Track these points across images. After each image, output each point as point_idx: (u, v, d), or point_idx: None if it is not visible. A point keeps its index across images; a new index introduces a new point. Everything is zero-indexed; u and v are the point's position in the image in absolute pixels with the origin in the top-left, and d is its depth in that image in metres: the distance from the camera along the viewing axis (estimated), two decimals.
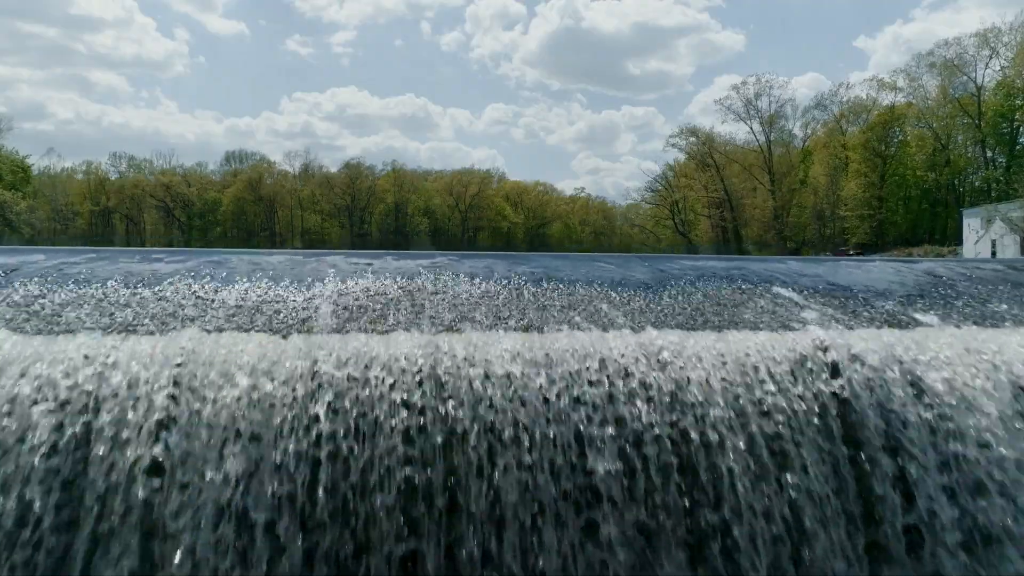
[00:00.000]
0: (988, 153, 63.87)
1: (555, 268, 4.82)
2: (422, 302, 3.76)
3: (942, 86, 65.41)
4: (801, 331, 3.55)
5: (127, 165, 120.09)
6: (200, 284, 3.85)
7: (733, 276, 4.80)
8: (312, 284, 4.01)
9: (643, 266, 5.04)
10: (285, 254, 4.79)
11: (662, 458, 2.85)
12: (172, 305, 3.47)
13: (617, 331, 3.38)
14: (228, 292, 3.76)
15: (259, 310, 3.50)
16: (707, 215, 79.71)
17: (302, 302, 3.67)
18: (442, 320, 3.52)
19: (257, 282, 3.99)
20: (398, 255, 4.83)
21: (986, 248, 43.18)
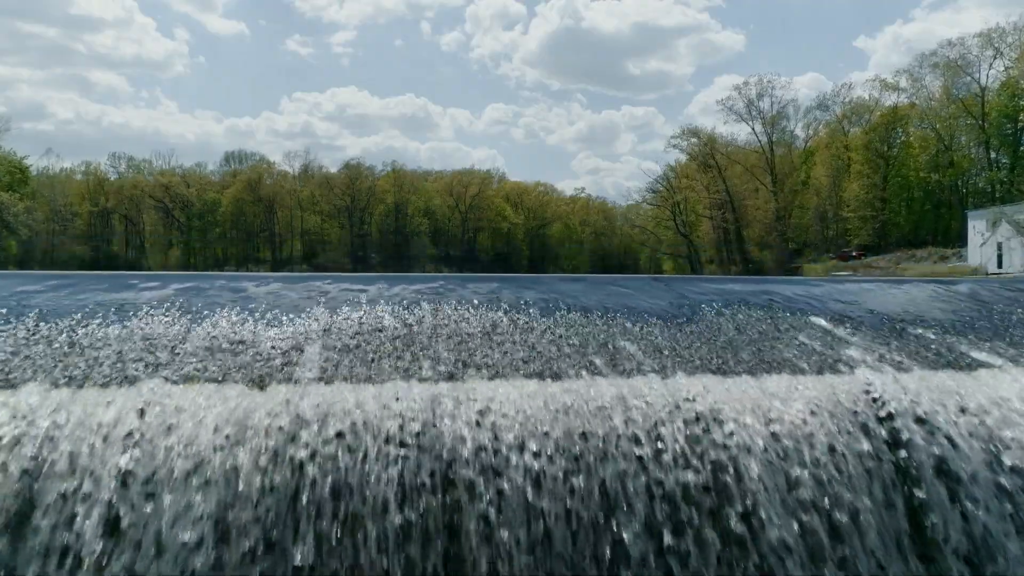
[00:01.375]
0: (992, 154, 63.41)
1: (566, 294, 4.41)
2: (421, 339, 3.35)
3: (945, 86, 64.97)
4: (849, 375, 3.14)
5: (126, 165, 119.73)
6: (173, 318, 3.44)
7: (762, 303, 4.38)
8: (299, 317, 3.60)
9: (662, 291, 4.62)
10: (269, 279, 4.37)
11: (702, 534, 2.44)
12: (137, 348, 3.06)
13: (642, 377, 2.97)
14: (203, 329, 3.35)
15: (236, 352, 3.09)
16: (708, 216, 79.27)
17: (286, 341, 3.26)
18: (443, 362, 3.10)
19: (237, 315, 3.58)
20: (394, 280, 4.41)
21: (992, 251, 42.73)
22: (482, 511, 2.35)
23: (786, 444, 2.61)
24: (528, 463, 2.46)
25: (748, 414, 2.73)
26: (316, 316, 3.58)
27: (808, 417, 2.74)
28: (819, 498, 2.53)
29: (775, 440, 2.74)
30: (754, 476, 2.57)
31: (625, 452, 2.53)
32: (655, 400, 2.76)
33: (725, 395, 2.82)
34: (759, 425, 2.69)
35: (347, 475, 2.32)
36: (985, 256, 43.52)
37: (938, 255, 58.08)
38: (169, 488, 2.21)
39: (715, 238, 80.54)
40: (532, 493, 2.39)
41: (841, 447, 2.65)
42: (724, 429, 2.63)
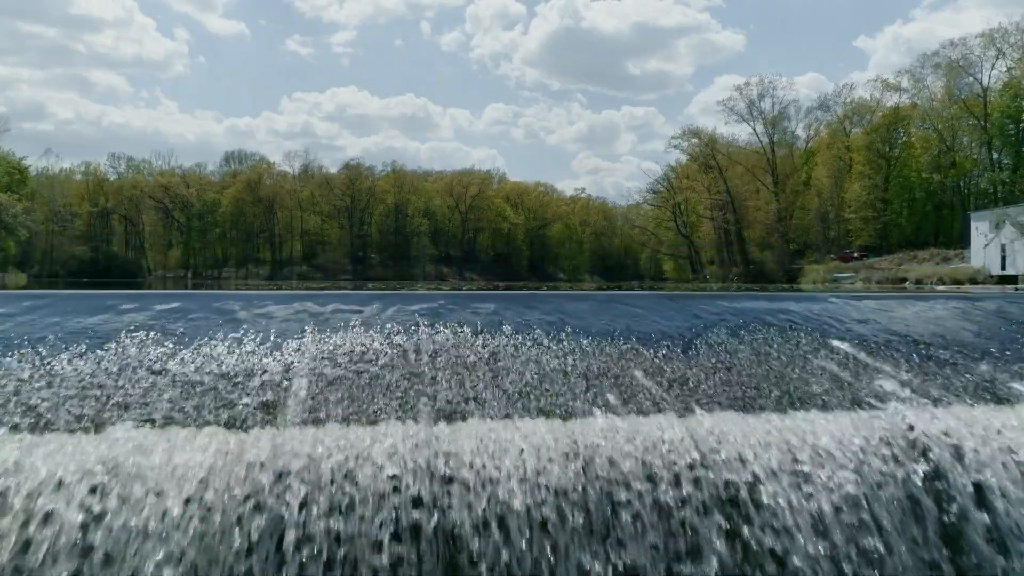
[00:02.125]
0: (994, 155, 63.11)
1: (572, 314, 4.16)
2: (419, 371, 3.11)
3: (947, 87, 64.66)
4: (882, 410, 2.89)
5: (126, 166, 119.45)
6: (151, 347, 3.19)
7: (779, 323, 4.14)
8: (286, 344, 3.36)
9: (673, 310, 4.37)
10: (257, 298, 4.13)
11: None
12: (109, 385, 2.82)
13: (659, 415, 2.73)
14: (184, 359, 3.10)
15: (217, 389, 2.84)
16: (709, 217, 78.97)
17: (272, 374, 3.01)
18: (442, 398, 2.86)
19: (220, 342, 3.33)
20: (390, 300, 4.16)
21: (995, 253, 42.44)
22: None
23: (821, 504, 2.36)
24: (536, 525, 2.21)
25: (775, 457, 2.49)
26: (305, 343, 3.33)
27: (844, 462, 2.49)
28: (857, 554, 2.29)
29: (808, 495, 2.49)
30: (787, 524, 2.33)
31: (645, 507, 2.28)
32: (674, 444, 2.52)
33: (750, 438, 2.57)
34: (789, 473, 2.44)
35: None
36: (989, 258, 43.23)
37: (940, 256, 57.77)
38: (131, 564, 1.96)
39: (716, 239, 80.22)
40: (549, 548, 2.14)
41: (881, 498, 2.41)
42: (750, 474, 2.39)
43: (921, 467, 2.56)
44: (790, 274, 64.69)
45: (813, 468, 2.47)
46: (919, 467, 2.56)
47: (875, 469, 2.52)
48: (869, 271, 54.24)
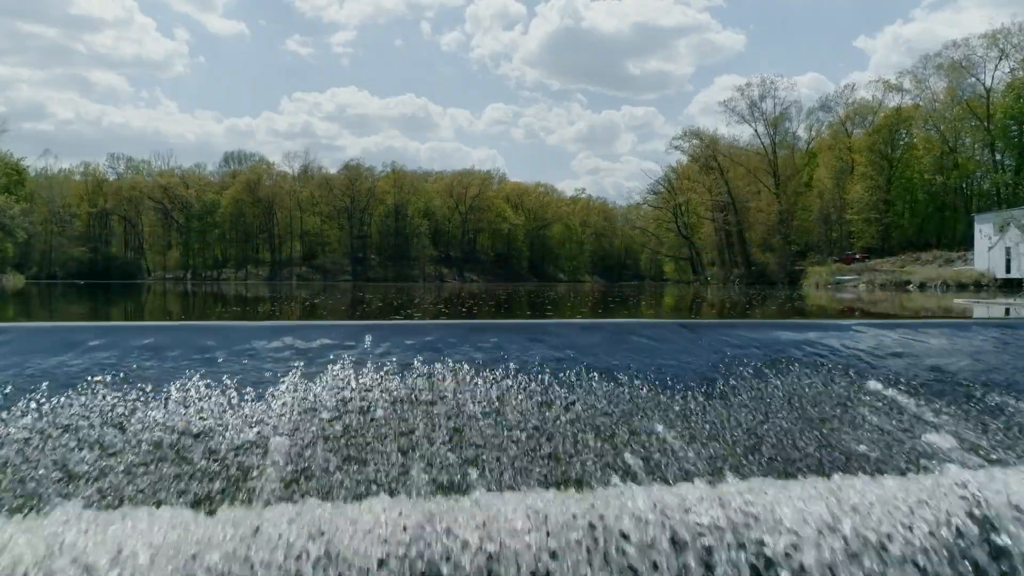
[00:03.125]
0: (997, 156, 62.77)
1: (583, 348, 3.81)
2: (414, 426, 2.77)
3: (950, 87, 64.31)
4: (937, 473, 2.56)
5: (125, 166, 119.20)
6: (112, 399, 2.85)
7: (808, 359, 3.80)
8: (267, 392, 3.01)
9: (692, 342, 4.02)
10: (236, 332, 3.78)
11: None
12: (59, 450, 2.47)
13: (687, 483, 2.39)
14: (149, 413, 2.76)
15: (184, 453, 2.50)
16: (711, 218, 78.62)
17: (249, 433, 2.67)
18: (440, 462, 2.52)
19: (193, 389, 2.99)
20: (382, 332, 3.82)
21: (1000, 256, 42.08)
22: None
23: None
24: None
25: (825, 537, 2.15)
26: (287, 391, 2.99)
27: (903, 549, 2.15)
28: None
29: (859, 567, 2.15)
30: None
31: None
32: (708, 521, 2.18)
33: (794, 514, 2.23)
34: (842, 555, 2.10)
35: None
36: (993, 260, 42.88)
37: (943, 258, 57.43)
38: None
39: (717, 240, 79.86)
40: None
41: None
42: (798, 565, 2.05)
43: (989, 551, 2.23)
44: (792, 276, 64.37)
45: (866, 556, 2.14)
46: (987, 552, 2.23)
47: (936, 556, 2.18)
48: (872, 273, 53.88)
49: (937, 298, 31.77)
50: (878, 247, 68.29)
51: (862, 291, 43.01)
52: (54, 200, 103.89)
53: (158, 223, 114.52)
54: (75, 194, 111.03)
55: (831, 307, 22.37)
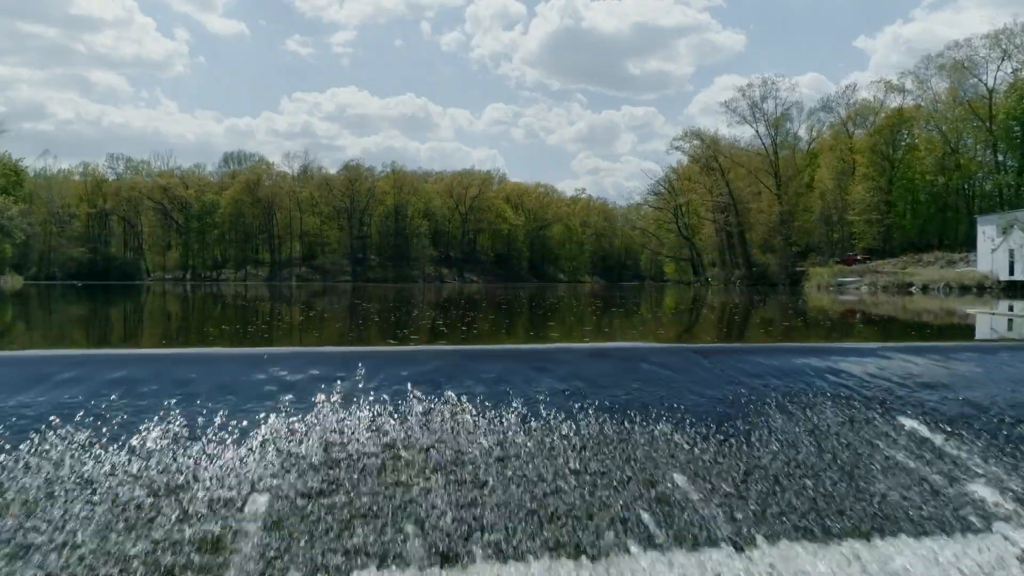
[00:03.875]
0: (999, 157, 62.48)
1: (591, 379, 3.55)
2: (408, 480, 2.50)
3: (952, 88, 64.04)
4: (987, 535, 2.30)
5: (125, 166, 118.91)
6: (75, 447, 2.59)
7: (833, 390, 3.54)
8: (247, 437, 2.75)
9: (708, 371, 3.76)
10: (220, 361, 3.52)
11: None
12: (8, 519, 2.20)
13: (712, 548, 2.13)
14: (112, 461, 2.50)
15: (146, 513, 2.24)
16: (711, 219, 78.32)
17: (226, 484, 2.41)
18: (437, 525, 2.26)
19: (164, 435, 2.73)
20: (376, 361, 3.56)
21: (1004, 258, 41.77)
22: None
23: None
24: None
25: None
26: (269, 437, 2.72)
27: None
28: None
29: None
30: None
31: None
32: None
33: None
34: None
35: None
36: (996, 262, 42.59)
37: (945, 260, 57.14)
38: None
39: (718, 241, 79.55)
40: None
41: None
42: None
43: None
44: (793, 277, 64.10)
45: None
46: None
47: None
48: (874, 275, 53.59)
49: (940, 301, 31.49)
50: (879, 248, 68.02)
51: (864, 293, 42.74)
52: (53, 200, 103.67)
53: (157, 223, 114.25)
54: (74, 194, 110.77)
55: (833, 309, 21.98)
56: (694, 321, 16.31)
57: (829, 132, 78.10)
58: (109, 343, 8.27)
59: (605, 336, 10.07)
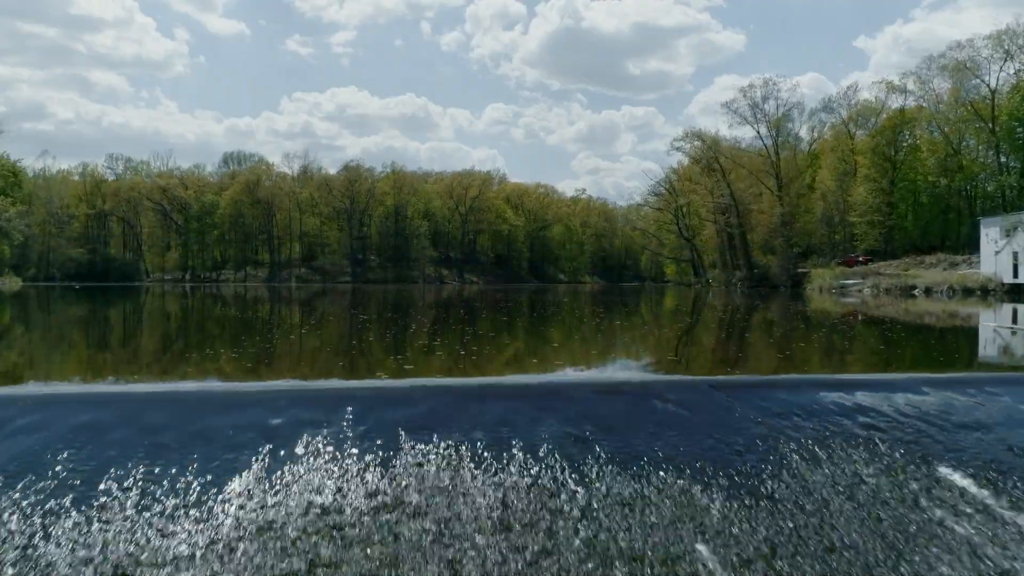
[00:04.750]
0: (1002, 159, 62.14)
1: (600, 421, 3.26)
2: (395, 554, 2.21)
3: (954, 89, 63.72)
4: None
5: (124, 167, 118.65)
6: (26, 506, 2.29)
7: (864, 434, 3.24)
8: (218, 499, 2.46)
9: (727, 411, 3.47)
10: (195, 400, 3.23)
11: None
12: None
13: None
14: (62, 536, 2.21)
15: None
16: (712, 220, 78.03)
17: (187, 567, 2.12)
18: None
19: (122, 495, 2.44)
20: (366, 402, 3.26)
21: (1007, 260, 41.46)
22: None
23: None
24: None
25: None
26: (242, 498, 2.43)
27: None
28: None
29: None
30: None
31: None
32: None
33: None
34: None
35: None
36: (1000, 265, 42.28)
37: (948, 262, 56.82)
38: None
39: (719, 242, 79.23)
40: None
41: None
42: None
43: None
44: (795, 279, 63.79)
45: None
46: None
47: None
48: (876, 277, 53.28)
49: (943, 303, 31.21)
50: (881, 249, 67.76)
51: (867, 296, 42.45)
52: (52, 201, 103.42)
53: (157, 224, 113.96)
54: (73, 195, 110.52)
55: (835, 311, 21.63)
56: (698, 325, 16.00)
57: (830, 133, 77.84)
58: (89, 361, 7.96)
59: (608, 344, 9.78)
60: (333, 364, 7.68)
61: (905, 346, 8.92)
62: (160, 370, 6.76)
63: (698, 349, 9.16)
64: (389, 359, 7.98)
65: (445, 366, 7.36)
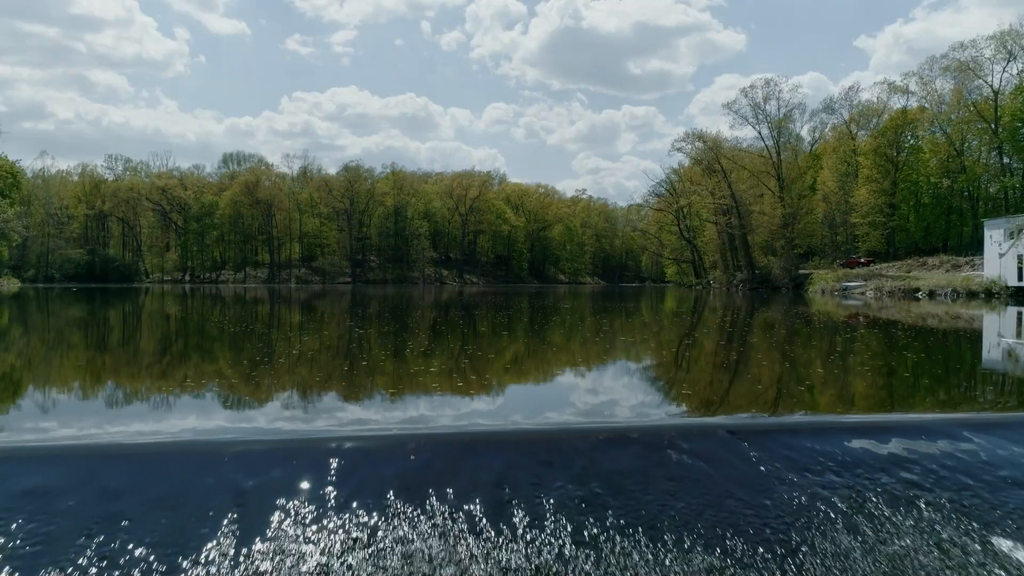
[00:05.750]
0: (1004, 160, 61.77)
1: (609, 479, 2.94)
2: None
3: (956, 89, 63.36)
4: None
5: (123, 167, 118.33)
6: None
7: (904, 494, 2.92)
8: None
9: (749, 461, 3.15)
10: (161, 459, 2.91)
11: None
12: None
13: None
14: None
15: None
16: (713, 221, 77.65)
17: None
18: None
19: None
20: (354, 456, 2.95)
21: (1012, 263, 41.10)
22: None
23: None
24: None
25: None
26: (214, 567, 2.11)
27: None
28: None
29: None
30: None
31: None
32: None
33: None
34: None
35: None
36: (1005, 267, 41.91)
37: (950, 263, 56.48)
38: None
39: (720, 243, 78.86)
40: None
41: None
42: None
43: None
44: (796, 280, 63.43)
45: None
46: None
47: None
48: (879, 279, 52.94)
49: (948, 306, 30.87)
50: (883, 251, 67.42)
51: (870, 298, 42.12)
52: (51, 202, 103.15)
53: (156, 225, 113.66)
54: (72, 196, 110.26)
55: (840, 315, 21.22)
56: (702, 334, 15.67)
57: (832, 134, 77.57)
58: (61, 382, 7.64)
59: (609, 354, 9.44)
60: (328, 374, 7.35)
61: (925, 368, 8.58)
62: (136, 392, 6.43)
63: (704, 366, 8.83)
64: (384, 374, 7.66)
65: (444, 372, 7.04)
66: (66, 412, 5.32)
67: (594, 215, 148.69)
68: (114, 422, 4.71)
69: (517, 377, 7.54)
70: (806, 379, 7.04)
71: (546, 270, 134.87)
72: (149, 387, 6.76)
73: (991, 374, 8.20)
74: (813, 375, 7.23)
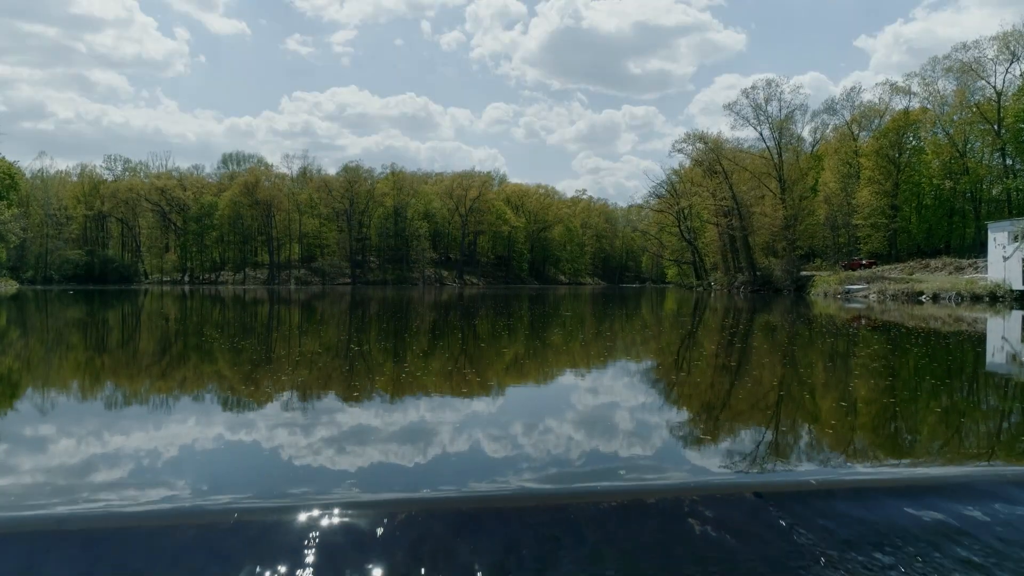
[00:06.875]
0: (1007, 161, 61.40)
1: (625, 554, 2.61)
2: None
3: (959, 90, 62.97)
4: None
5: (122, 168, 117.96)
6: None
7: (957, 567, 2.59)
8: None
9: (780, 532, 2.81)
10: (137, 534, 2.58)
11: None
12: None
13: None
14: None
15: None
16: (714, 223, 77.26)
17: None
18: None
19: None
20: (339, 524, 2.62)
21: (1017, 266, 40.71)
22: None
23: None
24: None
25: None
26: None
27: None
28: None
29: None
30: None
31: None
32: None
33: None
34: None
35: None
36: (1009, 271, 41.52)
37: (953, 266, 56.12)
38: None
39: (721, 245, 78.48)
40: None
41: None
42: None
43: None
44: (798, 283, 63.06)
45: None
46: None
47: None
48: (882, 282, 52.55)
49: (951, 310, 30.53)
50: (885, 252, 67.07)
51: (873, 302, 41.77)
52: (49, 203, 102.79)
53: (155, 226, 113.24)
54: (71, 196, 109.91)
55: (840, 316, 20.79)
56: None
57: (834, 135, 77.20)
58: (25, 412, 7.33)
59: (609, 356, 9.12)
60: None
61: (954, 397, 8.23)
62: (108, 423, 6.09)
63: (715, 389, 8.48)
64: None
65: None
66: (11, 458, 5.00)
67: (594, 215, 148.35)
68: (78, 475, 4.37)
69: (515, 404, 7.19)
70: (826, 409, 6.69)
71: (546, 271, 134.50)
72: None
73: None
74: (833, 405, 6.87)
